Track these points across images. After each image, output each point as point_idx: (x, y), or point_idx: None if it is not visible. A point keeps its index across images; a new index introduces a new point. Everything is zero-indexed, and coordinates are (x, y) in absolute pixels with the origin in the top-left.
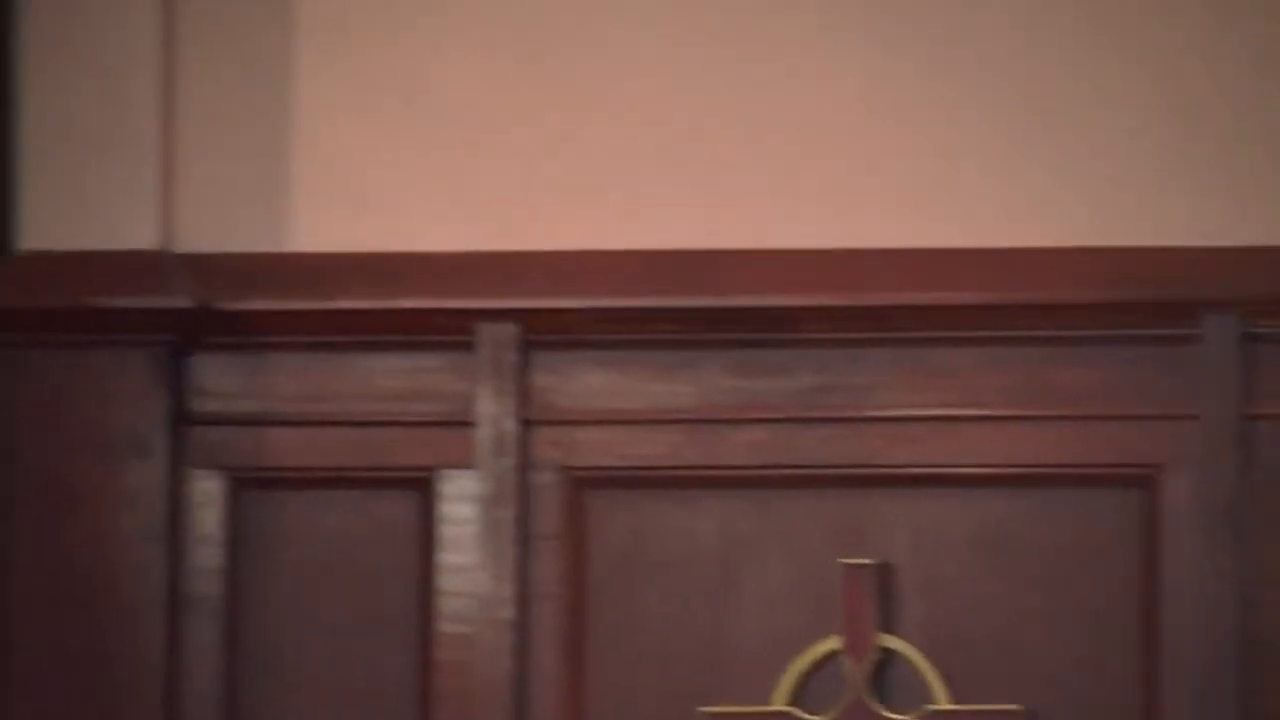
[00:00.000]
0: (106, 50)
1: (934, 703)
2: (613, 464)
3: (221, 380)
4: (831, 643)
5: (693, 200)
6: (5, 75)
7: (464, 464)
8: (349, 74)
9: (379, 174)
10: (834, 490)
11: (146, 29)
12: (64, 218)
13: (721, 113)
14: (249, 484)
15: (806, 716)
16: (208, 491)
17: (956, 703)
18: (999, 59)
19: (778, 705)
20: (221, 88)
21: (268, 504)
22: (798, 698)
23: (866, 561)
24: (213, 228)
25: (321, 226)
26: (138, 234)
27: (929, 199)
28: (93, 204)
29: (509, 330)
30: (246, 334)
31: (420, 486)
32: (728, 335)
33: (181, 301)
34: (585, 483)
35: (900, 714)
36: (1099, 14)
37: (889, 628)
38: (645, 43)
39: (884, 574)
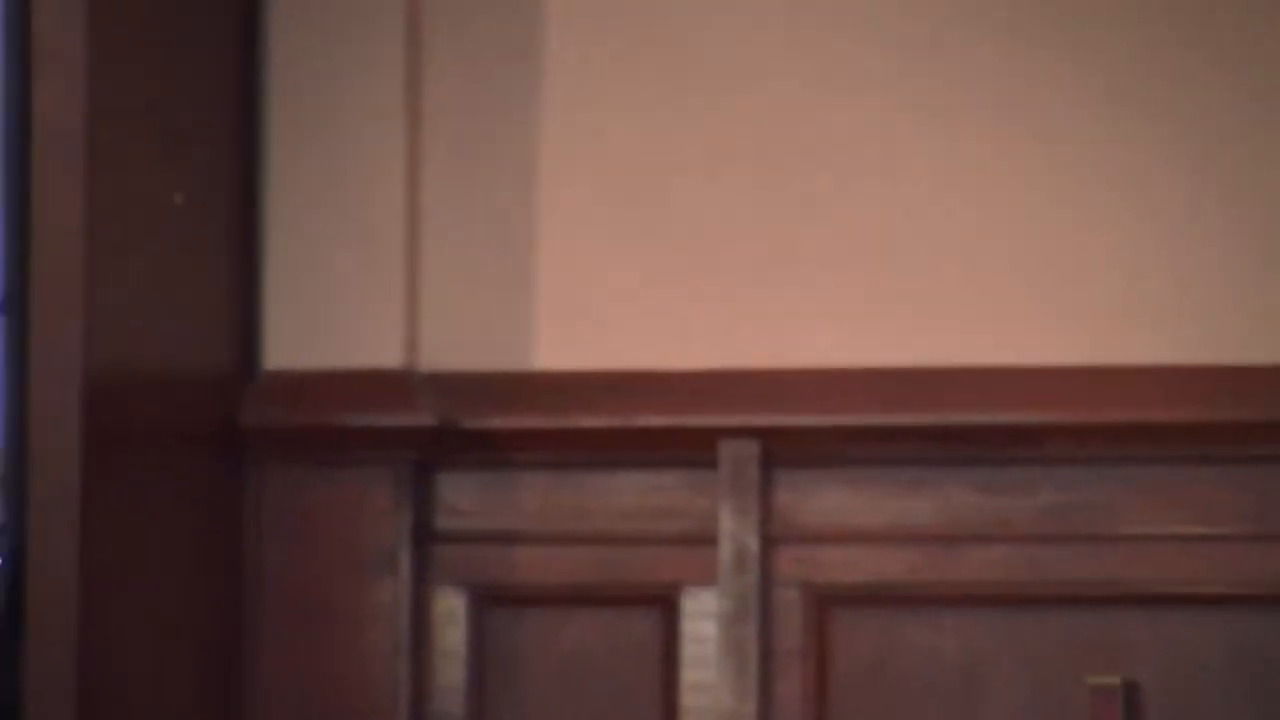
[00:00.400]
0: (351, 172)
1: None
2: (854, 581)
3: (465, 497)
4: None
5: (934, 316)
6: (252, 197)
7: (706, 581)
8: (590, 193)
9: (620, 292)
10: (1078, 609)
11: (392, 151)
12: (309, 337)
13: (963, 229)
14: (492, 601)
15: None
16: (451, 608)
17: None
18: (1221, 173)
19: None
20: (464, 208)
21: (510, 621)
22: None
23: (1113, 681)
24: (456, 346)
25: (563, 345)
26: (383, 353)
27: (1174, 315)
28: (338, 323)
29: (750, 447)
30: (490, 452)
31: (662, 604)
32: (969, 453)
33: (426, 420)
34: (826, 600)
35: None
36: None
37: None
38: (884, 160)
39: (1131, 693)
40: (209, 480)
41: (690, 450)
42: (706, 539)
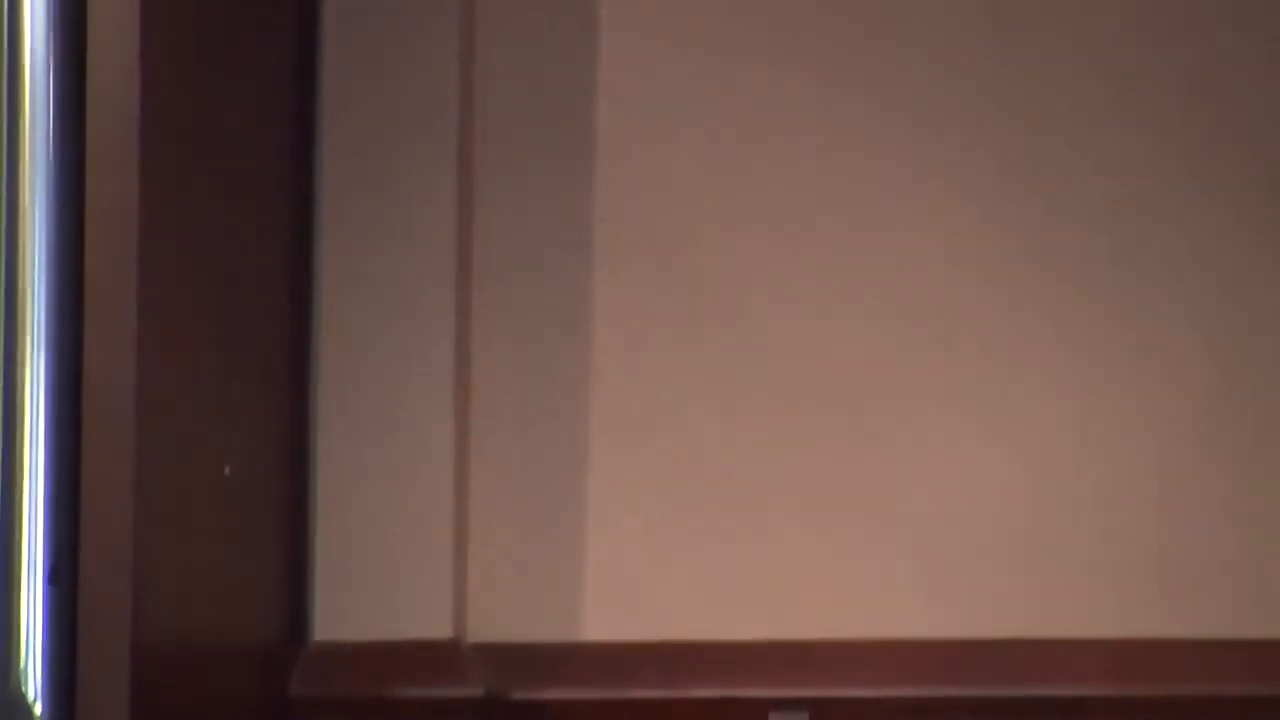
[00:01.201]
0: (401, 447)
1: None
2: None
3: None
4: None
5: (983, 588)
6: (302, 469)
7: None
8: (636, 465)
9: (667, 563)
10: None
11: (441, 427)
12: (359, 608)
13: (1008, 500)
14: None
15: None
16: None
17: None
18: None
19: None
20: (511, 479)
21: None
22: None
23: None
24: (504, 617)
25: (611, 616)
26: (431, 624)
27: (1219, 588)
28: (387, 594)
29: (800, 719)
30: None
31: None
32: None
33: (474, 691)
34: None
35: None
36: None
37: None
38: (930, 434)
39: None
40: None
41: None
42: None
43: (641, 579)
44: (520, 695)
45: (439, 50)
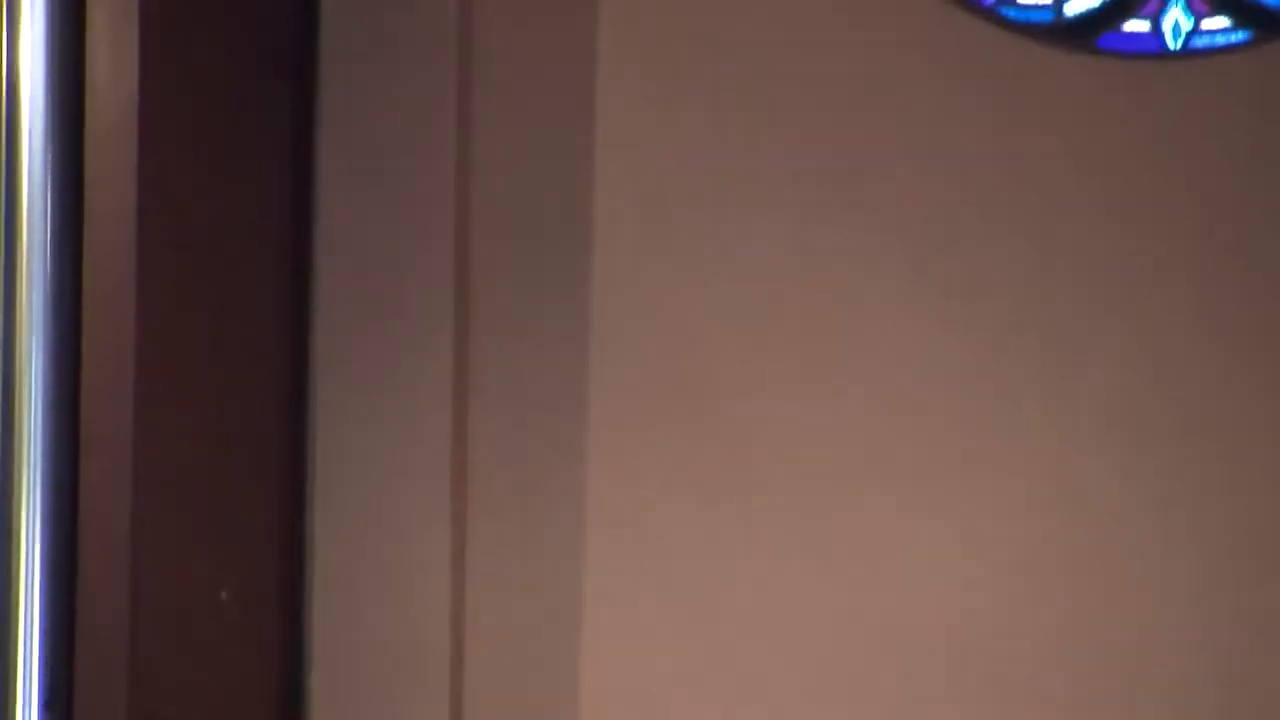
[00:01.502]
0: (396, 568)
1: None
2: None
3: None
4: None
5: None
6: (297, 594)
7: None
8: (632, 591)
9: (665, 686)
10: None
11: (438, 547)
12: None
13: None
14: None
15: None
16: None
17: None
18: None
19: None
20: (508, 593)
21: None
22: None
23: None
24: None
25: None
26: None
27: None
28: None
29: None
30: None
31: None
32: None
33: None
34: None
35: None
36: None
37: None
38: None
39: None
40: None
41: None
42: None
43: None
44: None
45: (433, 179)
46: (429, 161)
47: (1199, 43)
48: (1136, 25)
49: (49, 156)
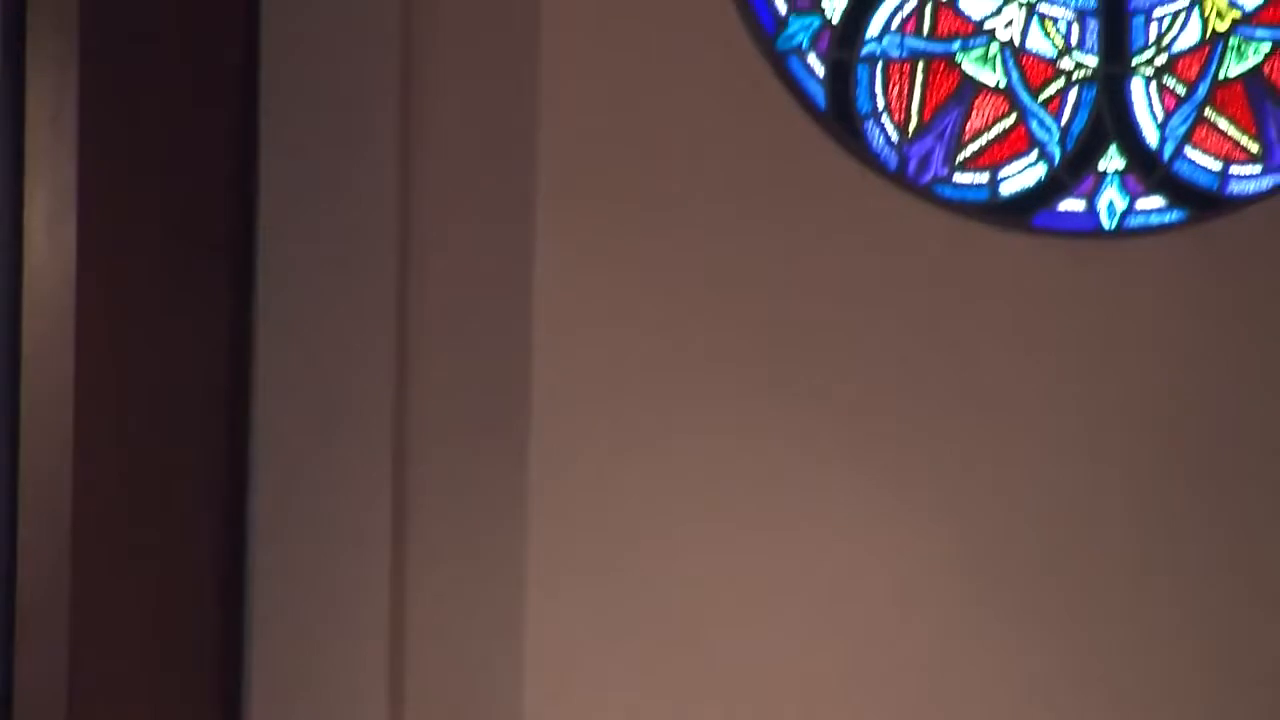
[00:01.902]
0: None
1: None
2: None
3: None
4: None
5: None
6: None
7: None
8: None
9: None
10: None
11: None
12: None
13: None
14: None
15: None
16: None
17: None
18: None
19: None
20: None
21: None
22: None
23: None
24: None
25: None
26: None
27: None
28: None
29: None
30: None
31: None
32: None
33: None
34: None
35: None
36: None
37: None
38: None
39: None
40: None
41: None
42: None
43: None
44: None
45: (373, 355)
46: (367, 350)
47: (1134, 222)
48: (1072, 204)
49: None
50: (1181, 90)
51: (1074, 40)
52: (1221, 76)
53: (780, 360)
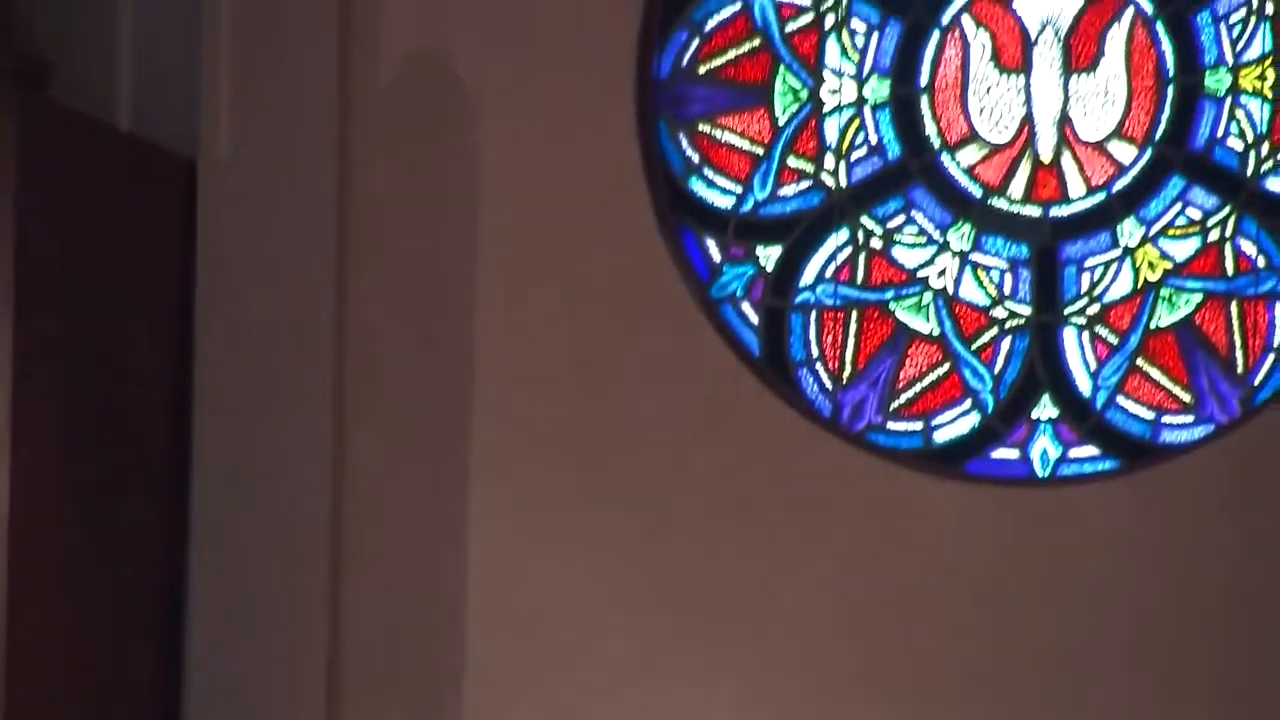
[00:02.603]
0: None
1: None
2: None
3: None
4: None
5: None
6: None
7: None
8: None
9: None
10: None
11: None
12: None
13: None
14: None
15: None
16: None
17: None
18: None
19: None
20: None
21: None
22: None
23: None
24: None
25: None
26: None
27: None
28: None
29: None
30: None
31: None
32: None
33: None
34: None
35: None
36: None
37: None
38: None
39: None
40: None
41: None
42: None
43: None
44: None
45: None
46: (301, 606)
47: (1067, 470)
48: (1006, 453)
49: None
50: (1114, 340)
51: (1007, 289)
52: (1153, 326)
53: (715, 605)
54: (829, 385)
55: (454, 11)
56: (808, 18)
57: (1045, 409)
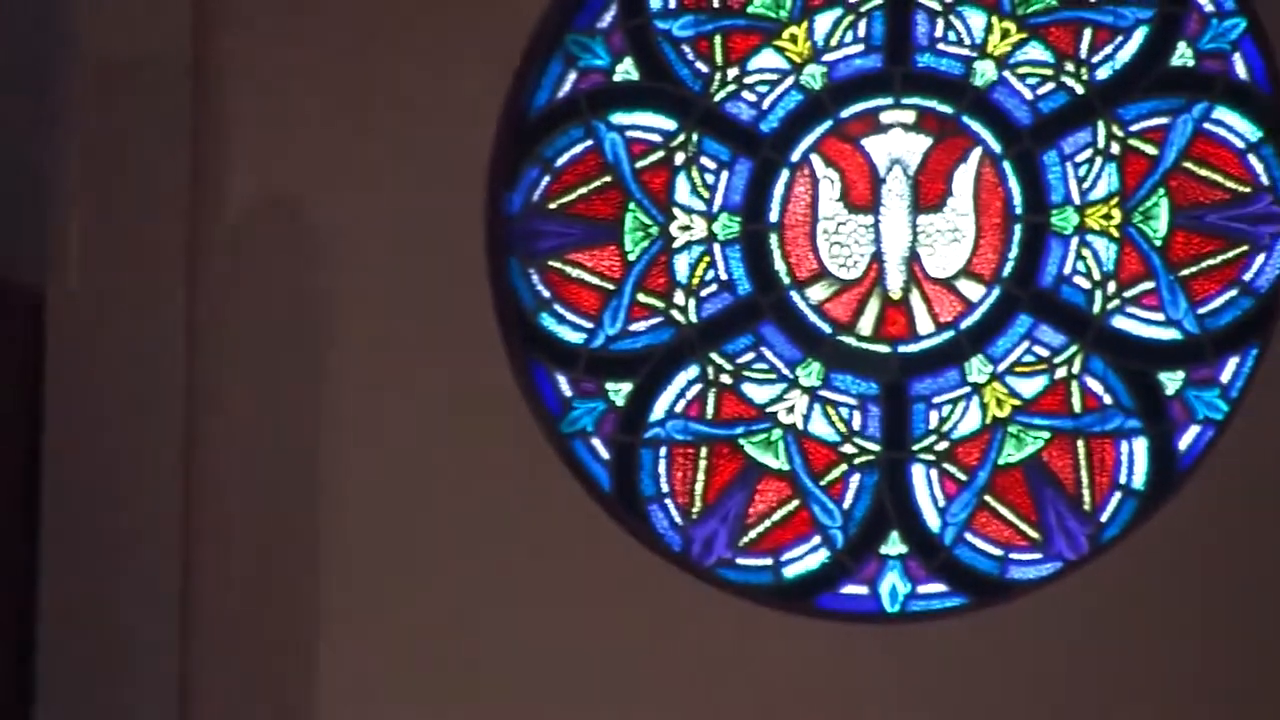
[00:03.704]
0: None
1: None
2: None
3: None
4: None
5: None
6: None
7: None
8: None
9: None
10: None
11: None
12: None
13: None
14: None
15: None
16: None
17: None
18: None
19: None
20: None
21: None
22: None
23: None
24: None
25: None
26: None
27: None
28: None
29: None
30: None
31: None
32: None
33: None
34: None
35: None
36: None
37: None
38: None
39: None
40: None
41: None
42: None
43: None
44: None
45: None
46: None
47: (916, 606)
48: (855, 588)
49: None
50: (962, 476)
51: (856, 425)
52: (1001, 463)
53: None
54: (679, 520)
55: (304, 148)
56: (658, 155)
57: (894, 545)
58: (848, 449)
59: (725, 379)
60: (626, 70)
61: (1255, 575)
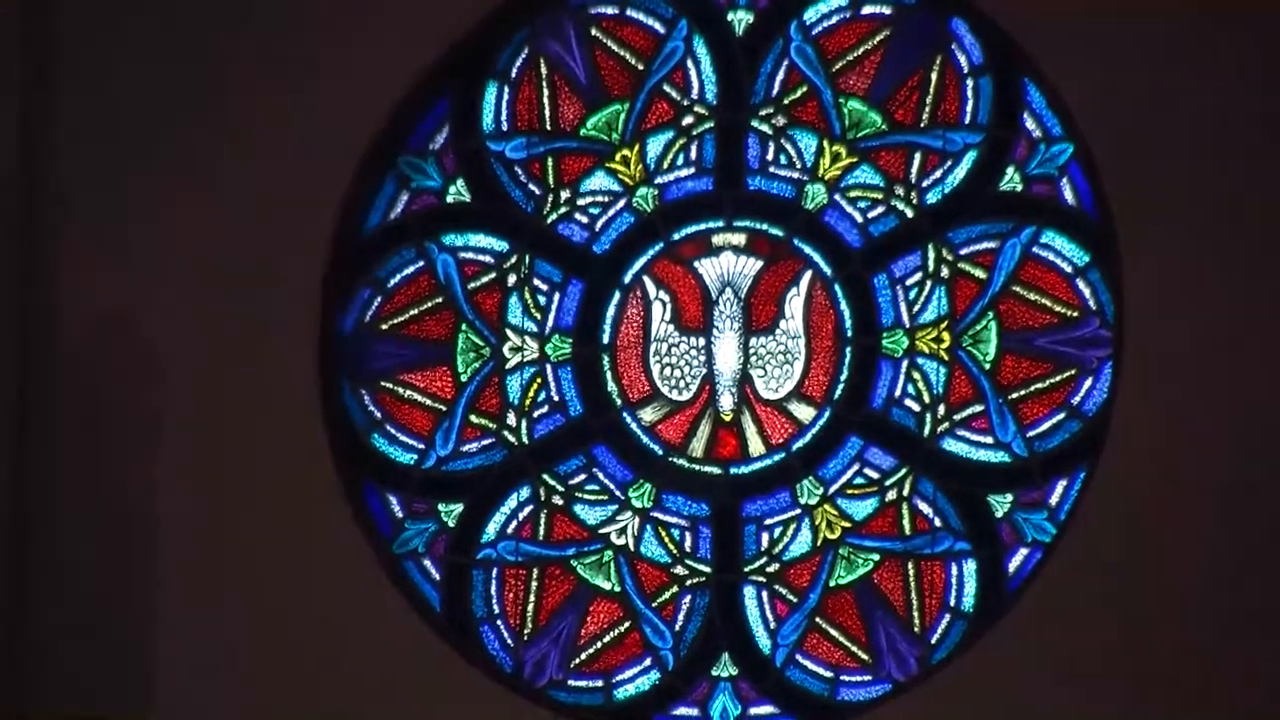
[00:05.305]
0: None
1: None
2: None
3: None
4: None
5: None
6: None
7: None
8: None
9: None
10: None
11: None
12: None
13: None
14: None
15: None
16: None
17: None
18: None
19: None
20: None
21: None
22: None
23: None
24: None
25: None
26: None
27: None
28: None
29: None
30: None
31: None
32: None
33: None
34: None
35: None
36: None
37: None
38: None
39: None
40: None
41: None
42: None
43: None
44: None
45: None
46: None
47: None
48: (686, 710)
49: None
50: (793, 598)
51: (688, 546)
52: (832, 585)
53: None
54: (510, 641)
55: (137, 267)
56: (490, 275)
57: (725, 667)
58: (679, 570)
59: (557, 500)
60: (459, 191)
61: (1085, 694)
